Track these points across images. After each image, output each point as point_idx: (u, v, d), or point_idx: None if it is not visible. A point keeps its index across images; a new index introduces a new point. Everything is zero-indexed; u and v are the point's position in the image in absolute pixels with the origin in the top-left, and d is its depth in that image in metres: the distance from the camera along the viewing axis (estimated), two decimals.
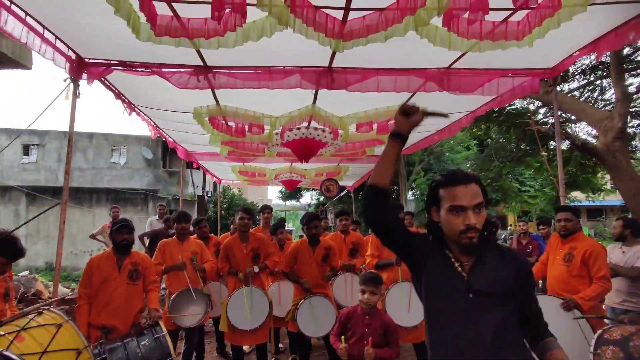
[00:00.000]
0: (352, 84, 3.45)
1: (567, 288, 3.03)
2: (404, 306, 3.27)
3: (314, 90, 3.86)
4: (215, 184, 16.22)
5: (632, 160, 6.30)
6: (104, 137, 17.12)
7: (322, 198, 18.75)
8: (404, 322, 3.34)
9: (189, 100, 4.12)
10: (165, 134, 5.73)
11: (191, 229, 4.41)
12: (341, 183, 10.40)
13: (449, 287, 1.37)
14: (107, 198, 13.77)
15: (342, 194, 16.53)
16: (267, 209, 5.22)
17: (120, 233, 2.97)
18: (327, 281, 3.88)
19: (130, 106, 4.35)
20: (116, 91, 3.94)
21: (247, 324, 3.49)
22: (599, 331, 2.35)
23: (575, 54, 3.36)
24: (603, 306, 3.59)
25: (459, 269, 1.37)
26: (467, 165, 16.36)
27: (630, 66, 6.57)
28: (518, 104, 10.55)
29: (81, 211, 13.25)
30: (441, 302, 1.38)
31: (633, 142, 8.68)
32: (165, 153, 17.30)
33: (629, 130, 9.92)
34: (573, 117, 7.58)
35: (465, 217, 1.32)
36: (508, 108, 9.98)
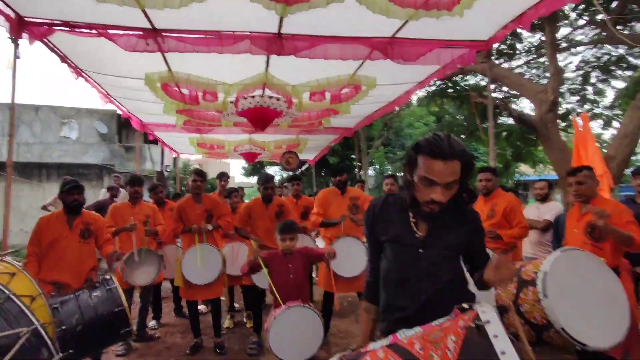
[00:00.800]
0: (301, 51, 3.58)
1: (492, 240, 3.43)
2: (345, 258, 3.56)
3: (265, 58, 3.96)
4: (174, 160, 15.88)
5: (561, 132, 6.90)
6: (52, 110, 16.12)
7: (285, 175, 18.86)
8: (346, 273, 3.68)
9: (140, 66, 4.08)
10: (117, 103, 5.60)
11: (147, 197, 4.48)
12: (301, 156, 10.58)
13: (404, 240, 1.46)
14: (59, 173, 13.13)
15: (303, 167, 16.74)
16: (224, 176, 5.33)
17: (71, 194, 3.00)
18: None
19: (77, 71, 4.23)
20: (61, 54, 3.83)
21: (200, 279, 3.65)
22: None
23: (508, 26, 3.64)
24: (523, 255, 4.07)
25: (415, 227, 1.46)
26: None
27: (562, 46, 7.09)
28: (471, 80, 11.09)
29: (31, 187, 12.62)
30: (394, 254, 1.49)
31: (570, 117, 9.39)
32: (121, 128, 16.62)
33: (567, 106, 10.77)
34: (517, 93, 8.09)
35: (433, 190, 1.30)
36: (462, 84, 10.48)
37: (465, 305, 1.12)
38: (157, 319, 4.61)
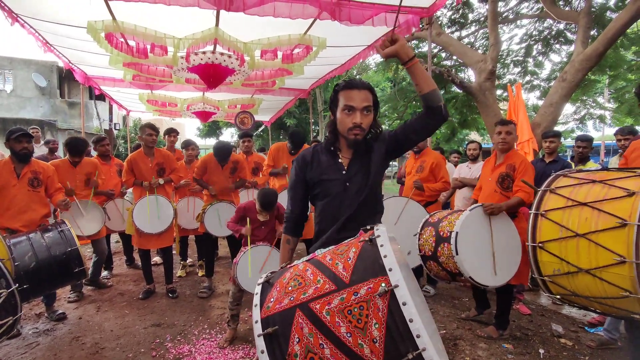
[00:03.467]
0: (250, 8, 3.61)
1: (418, 192, 3.86)
2: None
3: (215, 12, 3.96)
4: (124, 118, 15.15)
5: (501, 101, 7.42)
6: None
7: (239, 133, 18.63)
8: None
9: (82, 13, 3.92)
10: (57, 52, 5.32)
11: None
12: (257, 117, 10.55)
13: (332, 176, 1.71)
14: None
15: (260, 129, 16.66)
16: (172, 132, 5.34)
17: (20, 142, 2.99)
18: (233, 190, 4.32)
19: (12, 15, 3.99)
20: None
21: (152, 228, 3.81)
22: (426, 216, 3.15)
23: None
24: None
25: (342, 162, 1.71)
26: (383, 107, 17.34)
27: (509, 17, 7.49)
28: (425, 48, 11.40)
29: None
30: (324, 188, 1.73)
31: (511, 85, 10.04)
32: (63, 81, 15.48)
33: (510, 77, 11.46)
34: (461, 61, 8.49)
35: (354, 116, 1.59)
36: (417, 51, 10.76)
37: (368, 227, 1.41)
38: (109, 269, 4.73)
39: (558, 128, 12.21)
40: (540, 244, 2.13)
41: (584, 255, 1.96)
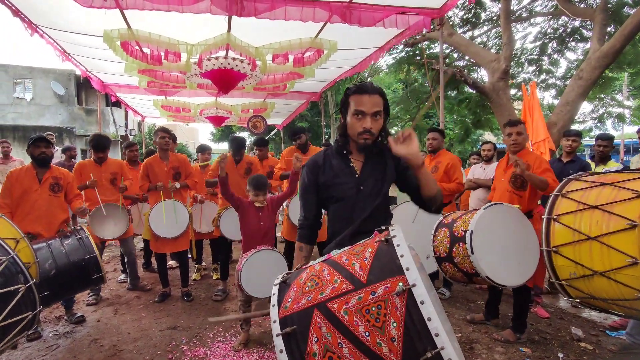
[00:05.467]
0: (262, 13, 3.66)
1: None
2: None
3: (227, 18, 4.01)
4: (139, 124, 15.44)
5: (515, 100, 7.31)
6: (3, 68, 15.12)
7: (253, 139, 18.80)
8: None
9: (98, 23, 4.03)
10: (75, 61, 5.47)
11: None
12: (270, 121, 10.62)
13: (345, 180, 1.70)
14: (15, 136, 12.60)
15: (272, 133, 16.75)
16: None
17: (37, 146, 3.07)
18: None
19: (32, 26, 4.12)
20: (13, 7, 3.72)
21: (168, 232, 3.86)
22: (440, 218, 3.11)
23: None
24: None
25: (354, 165, 1.71)
26: (395, 108, 17.29)
27: (522, 16, 7.39)
28: (437, 48, 11.33)
29: None
30: (337, 191, 1.71)
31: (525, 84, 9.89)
32: (81, 89, 15.87)
33: (525, 76, 11.28)
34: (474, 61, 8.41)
35: (364, 121, 1.59)
36: (428, 52, 10.70)
37: (382, 227, 1.41)
38: (126, 273, 4.81)
39: (575, 127, 11.97)
40: (554, 248, 2.11)
41: (597, 257, 1.93)
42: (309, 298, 1.13)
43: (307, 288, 1.17)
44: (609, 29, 6.77)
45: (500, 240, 2.75)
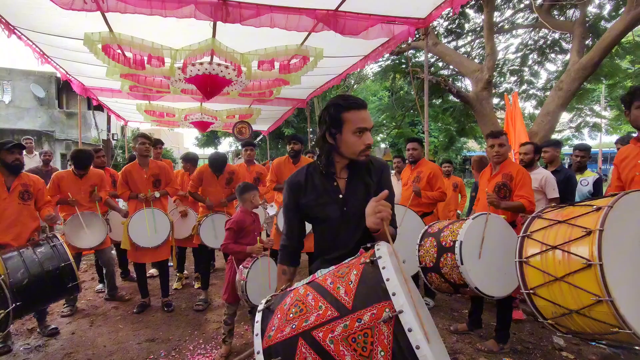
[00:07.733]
0: (247, 19, 3.63)
1: (415, 202, 3.82)
2: None
3: (211, 24, 3.96)
4: (122, 128, 15.14)
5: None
6: None
7: (239, 146, 18.69)
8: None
9: (79, 25, 3.93)
10: (54, 64, 5.32)
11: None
12: (255, 127, 10.55)
13: (328, 200, 1.61)
14: None
15: (258, 139, 16.67)
16: (158, 143, 5.33)
17: (12, 153, 2.94)
18: (228, 202, 4.28)
19: (9, 27, 3.99)
20: None
21: (148, 242, 3.75)
22: (425, 227, 3.10)
23: (442, 6, 3.91)
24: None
25: (337, 184, 1.61)
26: (381, 116, 17.42)
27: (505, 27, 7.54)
28: (422, 57, 11.49)
29: None
30: (321, 212, 1.62)
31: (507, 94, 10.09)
32: (61, 91, 15.51)
33: (507, 86, 11.52)
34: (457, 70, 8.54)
35: (366, 137, 1.51)
36: (413, 60, 10.83)
37: (368, 245, 1.34)
38: (104, 282, 4.66)
39: (554, 136, 12.25)
40: (531, 291, 2.09)
41: (568, 297, 1.93)
42: (294, 326, 1.09)
43: (291, 315, 1.13)
44: (587, 42, 6.97)
45: (488, 250, 2.75)
